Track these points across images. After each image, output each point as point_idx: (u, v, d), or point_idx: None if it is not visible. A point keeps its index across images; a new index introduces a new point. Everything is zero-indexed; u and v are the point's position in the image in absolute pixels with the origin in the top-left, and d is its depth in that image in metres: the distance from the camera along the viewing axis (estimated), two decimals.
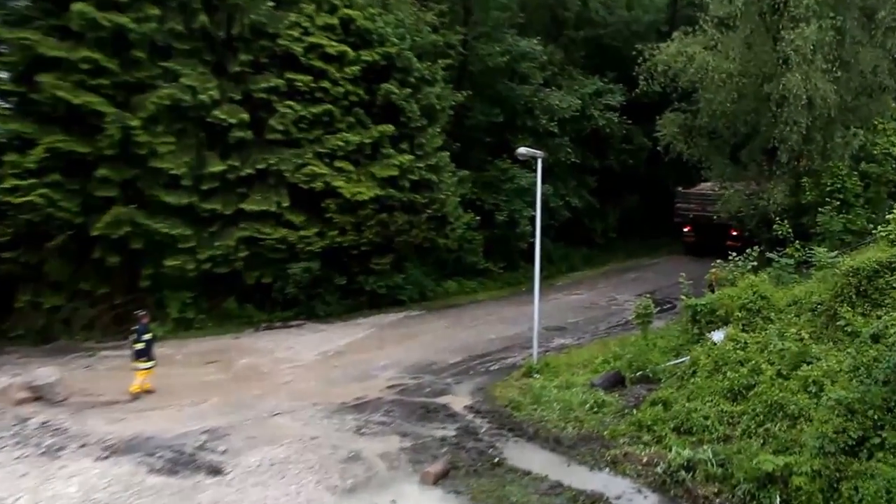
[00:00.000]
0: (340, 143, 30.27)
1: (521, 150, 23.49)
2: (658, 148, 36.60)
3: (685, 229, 44.96)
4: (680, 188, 44.69)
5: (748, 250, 24.49)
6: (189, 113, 28.00)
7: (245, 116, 28.78)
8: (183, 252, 28.00)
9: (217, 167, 28.39)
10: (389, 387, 22.66)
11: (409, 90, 32.07)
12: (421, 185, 32.79)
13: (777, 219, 27.57)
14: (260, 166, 29.18)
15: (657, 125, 36.49)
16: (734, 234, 38.80)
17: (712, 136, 35.54)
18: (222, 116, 28.29)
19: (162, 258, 27.80)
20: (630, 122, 45.19)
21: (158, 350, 22.60)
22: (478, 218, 36.72)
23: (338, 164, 30.31)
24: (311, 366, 24.87)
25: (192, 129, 28.39)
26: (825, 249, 23.50)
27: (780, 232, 26.37)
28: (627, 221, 49.25)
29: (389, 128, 31.41)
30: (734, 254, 24.72)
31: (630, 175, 48.19)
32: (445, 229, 34.61)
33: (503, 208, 37.94)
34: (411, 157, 31.98)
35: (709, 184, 41.90)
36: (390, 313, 31.95)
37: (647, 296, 26.82)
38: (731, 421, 17.19)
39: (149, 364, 21.68)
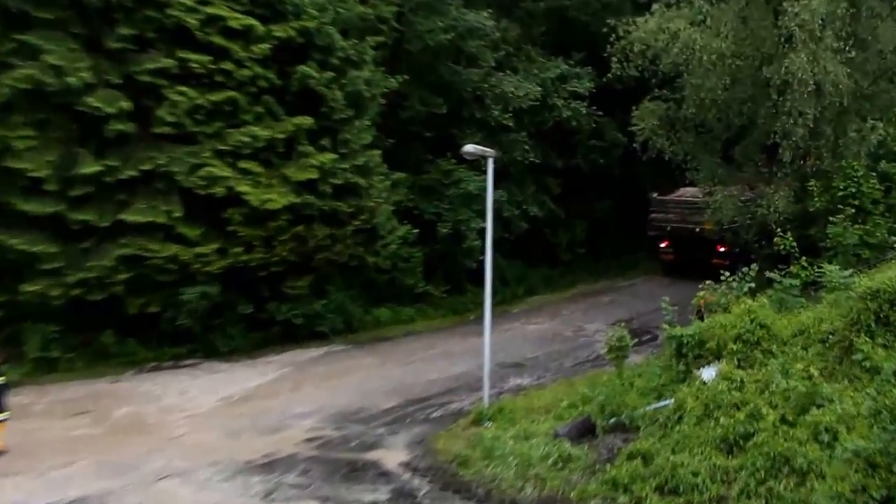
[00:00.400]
0: (246, 139, 29.86)
1: (469, 147, 23.41)
2: (634, 145, 36.81)
3: (662, 244, 45.46)
4: (655, 194, 45.03)
5: (744, 269, 24.58)
6: (54, 99, 27.35)
7: (126, 105, 28.20)
8: (46, 274, 27.35)
9: (90, 168, 27.77)
10: (307, 440, 22.38)
11: (331, 74, 31.83)
12: (346, 191, 32.58)
13: (779, 230, 27.78)
14: (145, 167, 28.61)
15: (633, 117, 36.69)
16: (721, 250, 39.26)
17: (700, 131, 35.85)
18: (97, 104, 27.67)
19: (18, 282, 27.13)
20: (601, 113, 45.46)
21: (13, 398, 21.91)
22: (416, 231, 36.65)
23: (243, 164, 29.91)
24: (210, 415, 24.45)
25: (57, 119, 27.74)
26: (837, 267, 23.64)
27: (782, 246, 26.56)
28: (598, 234, 49.55)
29: (307, 120, 31.15)
30: (727, 273, 24.77)
31: (601, 178, 48.51)
32: (376, 245, 34.52)
33: (447, 219, 37.91)
34: (334, 156, 31.78)
35: (691, 189, 42.26)
36: (309, 348, 31.77)
37: (623, 325, 26.82)
38: (725, 478, 17.06)
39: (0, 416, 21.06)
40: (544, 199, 45.38)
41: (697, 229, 40.29)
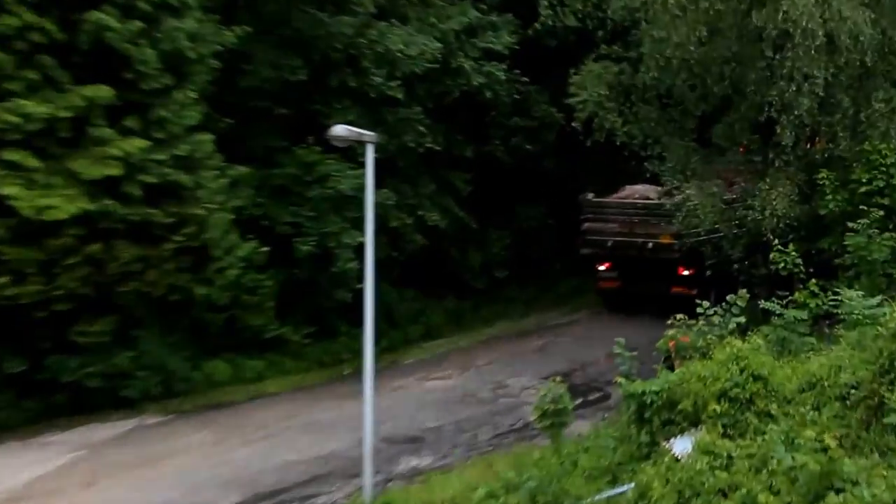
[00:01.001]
0: (14, 119, 29.28)
1: (339, 129, 23.39)
2: (574, 125, 36.93)
3: (601, 267, 45.59)
4: (590, 195, 45.03)
5: (731, 298, 24.64)
6: None
7: None
8: None
9: None
10: None
11: (138, 24, 31.43)
12: (163, 193, 32.25)
13: (777, 242, 28.03)
14: None
15: (571, 85, 36.85)
16: (685, 273, 39.53)
17: (666, 103, 36.25)
18: None
19: None
20: (526, 80, 45.73)
21: None
22: (265, 249, 36.41)
23: (9, 155, 29.41)
24: None
25: None
26: (861, 293, 23.88)
27: (782, 265, 26.78)
28: (525, 252, 49.88)
29: (104, 91, 30.71)
30: (709, 306, 24.78)
31: (528, 172, 48.85)
32: (207, 270, 34.19)
33: (309, 231, 37.59)
34: (145, 143, 31.37)
35: (640, 187, 42.71)
36: (110, 422, 31.47)
37: (560, 379, 26.83)
38: None
39: None
40: (448, 202, 45.49)
41: (651, 244, 40.50)
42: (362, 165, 23.97)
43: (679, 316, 25.30)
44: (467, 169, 46.40)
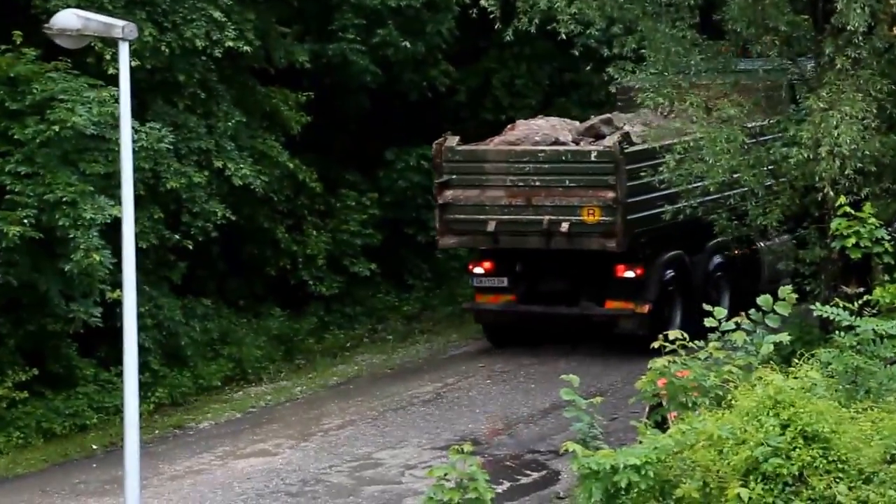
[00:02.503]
0: None
1: (66, 16, 22.92)
2: (484, 3, 36.69)
3: (477, 270, 45.30)
4: (452, 141, 44.39)
5: (763, 300, 24.54)
6: None
7: None
8: None
9: None
10: None
11: None
12: None
13: (843, 202, 27.98)
14: None
15: None
16: (628, 275, 38.88)
17: None
18: None
19: None
20: None
21: None
22: None
23: None
24: None
25: None
26: None
27: (851, 240, 26.78)
28: (402, 231, 49.86)
29: None
30: (723, 317, 24.79)
31: (405, 91, 48.86)
32: None
33: (21, 200, 36.49)
34: None
35: (543, 122, 42.39)
36: None
37: (470, 449, 26.68)
38: None
39: None
40: (269, 146, 45.24)
41: (565, 225, 39.61)
42: (111, 83, 23.60)
43: (673, 334, 25.14)
44: (301, 87, 46.25)
